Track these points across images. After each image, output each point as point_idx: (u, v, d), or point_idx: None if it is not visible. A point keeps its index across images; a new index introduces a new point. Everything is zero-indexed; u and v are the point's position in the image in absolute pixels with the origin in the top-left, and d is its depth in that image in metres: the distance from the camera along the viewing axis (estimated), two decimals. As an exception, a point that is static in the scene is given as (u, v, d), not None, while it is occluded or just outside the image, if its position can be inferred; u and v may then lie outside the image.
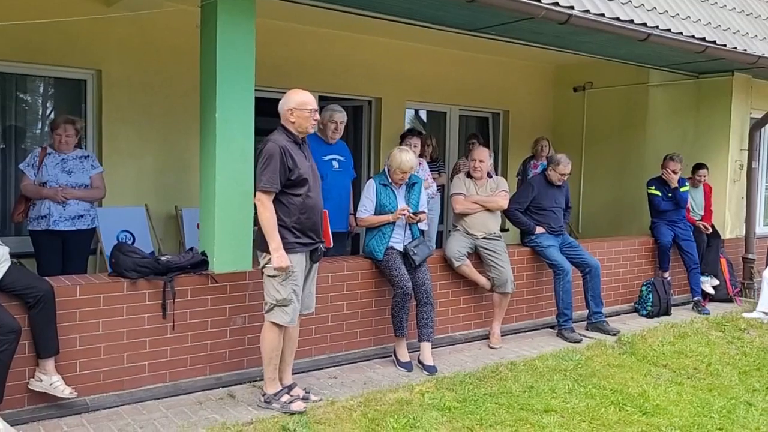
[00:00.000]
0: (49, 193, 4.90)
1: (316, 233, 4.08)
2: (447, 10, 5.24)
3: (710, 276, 7.36)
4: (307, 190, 3.98)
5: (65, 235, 4.98)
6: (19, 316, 3.63)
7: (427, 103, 8.44)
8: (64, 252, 5.04)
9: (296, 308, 4.00)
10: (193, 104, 4.96)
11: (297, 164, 3.92)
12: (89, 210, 5.13)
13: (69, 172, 5.01)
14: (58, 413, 3.79)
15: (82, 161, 5.11)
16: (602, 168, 8.77)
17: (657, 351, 5.54)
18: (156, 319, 4.19)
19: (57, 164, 4.99)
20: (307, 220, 3.99)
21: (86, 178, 5.09)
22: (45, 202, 4.92)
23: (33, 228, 4.99)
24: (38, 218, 4.95)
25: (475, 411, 4.11)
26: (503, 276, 5.47)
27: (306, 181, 3.97)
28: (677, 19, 6.29)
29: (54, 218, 4.92)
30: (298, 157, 3.95)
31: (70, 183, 4.99)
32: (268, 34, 5.33)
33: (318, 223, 4.09)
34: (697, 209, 7.58)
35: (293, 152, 3.94)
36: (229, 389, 4.29)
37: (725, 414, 4.34)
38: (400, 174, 4.90)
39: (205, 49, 4.41)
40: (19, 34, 5.30)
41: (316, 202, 4.05)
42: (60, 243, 5.00)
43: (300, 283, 4.01)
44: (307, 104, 3.99)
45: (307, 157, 4.06)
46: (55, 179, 4.95)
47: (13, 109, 5.97)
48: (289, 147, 3.93)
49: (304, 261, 4.04)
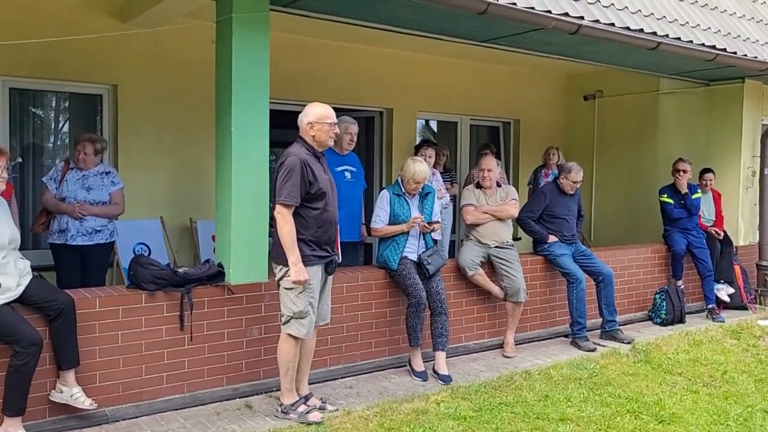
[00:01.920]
0: (66, 209, 4.96)
1: (331, 246, 4.12)
2: (458, 21, 5.29)
3: (725, 283, 7.33)
4: (325, 204, 4.01)
5: (83, 249, 5.03)
6: (41, 328, 3.68)
7: (438, 114, 8.48)
8: (83, 266, 5.10)
9: (312, 320, 4.03)
10: (207, 117, 5.04)
11: (317, 178, 3.95)
12: (107, 225, 5.16)
13: (88, 188, 5.06)
14: (79, 424, 3.84)
15: (102, 177, 5.15)
16: (614, 176, 8.78)
17: (672, 359, 5.53)
18: (174, 331, 4.23)
19: (78, 180, 5.05)
20: (324, 234, 4.02)
21: (105, 194, 5.13)
22: (64, 216, 4.99)
23: (53, 241, 5.06)
24: (58, 232, 5.02)
25: (490, 420, 4.11)
26: (516, 285, 5.48)
27: (325, 194, 4.00)
28: (687, 28, 6.31)
29: (71, 233, 4.98)
30: (317, 171, 3.98)
31: (88, 199, 5.03)
32: (281, 47, 5.40)
33: (333, 236, 4.12)
34: (708, 215, 7.56)
35: (313, 166, 3.96)
36: (246, 400, 4.32)
37: (742, 422, 4.33)
38: (413, 184, 4.94)
39: (221, 64, 4.48)
40: (37, 52, 5.39)
41: (332, 216, 4.08)
42: (78, 257, 5.05)
43: (316, 296, 4.04)
44: (327, 118, 4.02)
45: (325, 170, 4.09)
46: (74, 195, 5.00)
47: (31, 125, 6.07)
48: (309, 160, 3.96)
49: (320, 273, 4.07)
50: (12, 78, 5.65)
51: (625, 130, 8.63)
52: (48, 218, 5.08)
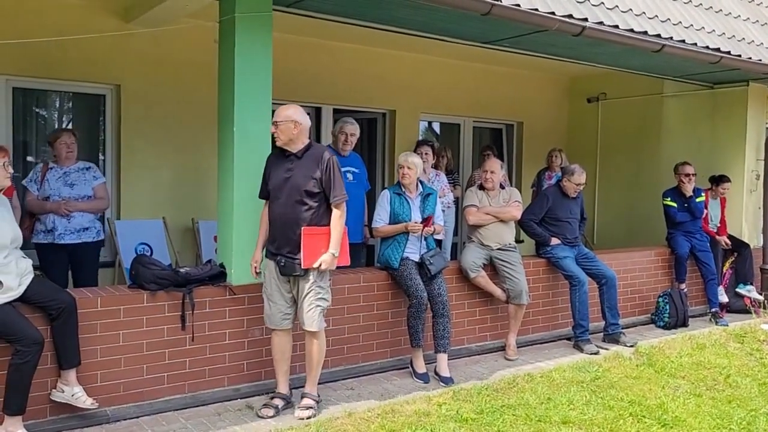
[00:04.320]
0: (52, 207, 4.92)
1: (281, 246, 4.11)
2: (461, 23, 5.28)
3: (751, 285, 7.33)
4: (275, 203, 4.19)
5: (71, 248, 4.99)
6: (42, 327, 3.68)
7: (440, 115, 8.47)
8: (72, 265, 5.07)
9: (269, 311, 4.18)
10: (209, 118, 5.03)
11: (270, 176, 4.22)
12: (94, 222, 5.13)
13: (71, 185, 5.03)
14: (80, 424, 3.84)
15: (83, 173, 5.12)
16: (617, 179, 8.75)
17: (675, 362, 5.51)
18: (175, 331, 4.22)
19: (59, 178, 5.01)
20: (275, 231, 4.17)
21: (89, 189, 5.09)
22: (49, 216, 4.93)
23: (38, 241, 4.99)
24: (44, 232, 4.97)
25: (492, 423, 4.10)
26: (518, 287, 5.47)
27: (272, 193, 4.20)
28: (691, 30, 6.30)
29: (59, 232, 4.94)
30: (274, 169, 4.21)
31: (72, 196, 5.00)
32: (283, 48, 5.40)
33: (283, 237, 4.10)
34: (715, 220, 7.55)
35: (272, 164, 4.24)
36: (247, 400, 4.31)
37: (745, 426, 4.31)
38: (401, 171, 4.98)
39: (224, 64, 4.48)
40: (40, 51, 5.40)
41: (278, 216, 4.14)
42: (66, 256, 5.02)
43: (269, 289, 4.17)
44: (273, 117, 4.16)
45: (288, 170, 4.20)
46: (58, 193, 4.96)
47: (34, 124, 6.07)
48: (272, 158, 4.25)
49: (275, 270, 4.13)
50: (16, 77, 5.66)
51: (629, 132, 8.61)
52: (32, 221, 5.01)
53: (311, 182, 4.06)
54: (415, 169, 4.99)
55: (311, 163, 4.10)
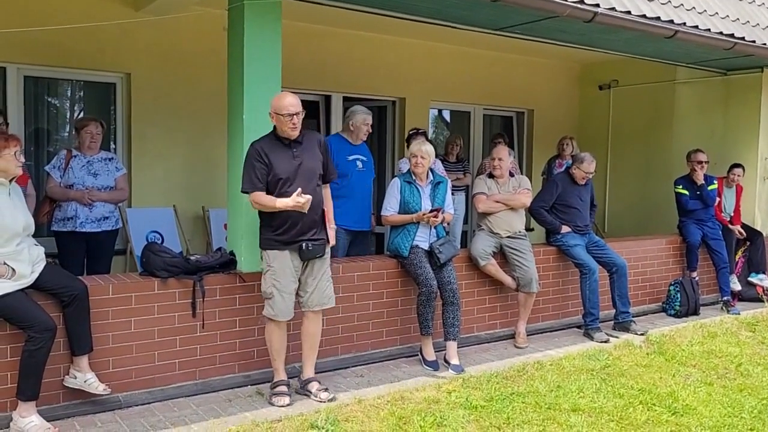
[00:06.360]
0: (76, 196, 4.97)
1: (303, 232, 4.06)
2: (472, 9, 5.24)
3: (762, 273, 7.32)
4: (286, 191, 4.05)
5: (90, 236, 5.04)
6: (54, 314, 3.71)
7: (451, 103, 8.44)
8: (89, 253, 5.11)
9: (280, 303, 4.05)
10: (219, 106, 5.04)
11: (273, 164, 4.09)
12: (113, 211, 5.19)
13: (95, 174, 5.08)
14: (92, 409, 3.88)
15: (107, 163, 5.17)
16: (628, 167, 8.69)
17: (686, 351, 5.49)
18: (186, 318, 4.25)
19: (83, 166, 5.06)
20: (289, 218, 4.03)
21: (111, 180, 5.15)
22: (71, 204, 4.98)
23: (58, 229, 5.03)
24: (64, 219, 5.00)
25: (502, 410, 4.10)
26: (528, 275, 5.46)
27: (282, 181, 4.06)
28: (705, 16, 6.22)
29: (81, 220, 4.99)
30: (277, 158, 4.09)
31: (96, 185, 5.05)
32: (293, 35, 5.39)
33: (304, 222, 4.05)
34: (729, 209, 7.48)
35: (271, 153, 4.09)
36: (258, 387, 4.34)
37: (756, 414, 4.29)
38: (414, 160, 4.94)
39: (233, 52, 4.47)
40: (50, 39, 5.42)
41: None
42: (84, 244, 5.06)
43: (281, 280, 4.04)
44: (284, 109, 3.96)
45: (294, 156, 4.11)
46: (82, 182, 5.01)
47: (45, 113, 6.10)
48: (269, 147, 4.08)
49: (288, 259, 4.06)
50: (27, 66, 5.69)
51: (641, 119, 8.54)
52: (52, 207, 5.06)
53: (320, 164, 4.17)
54: (428, 158, 4.98)
55: (314, 147, 4.17)
